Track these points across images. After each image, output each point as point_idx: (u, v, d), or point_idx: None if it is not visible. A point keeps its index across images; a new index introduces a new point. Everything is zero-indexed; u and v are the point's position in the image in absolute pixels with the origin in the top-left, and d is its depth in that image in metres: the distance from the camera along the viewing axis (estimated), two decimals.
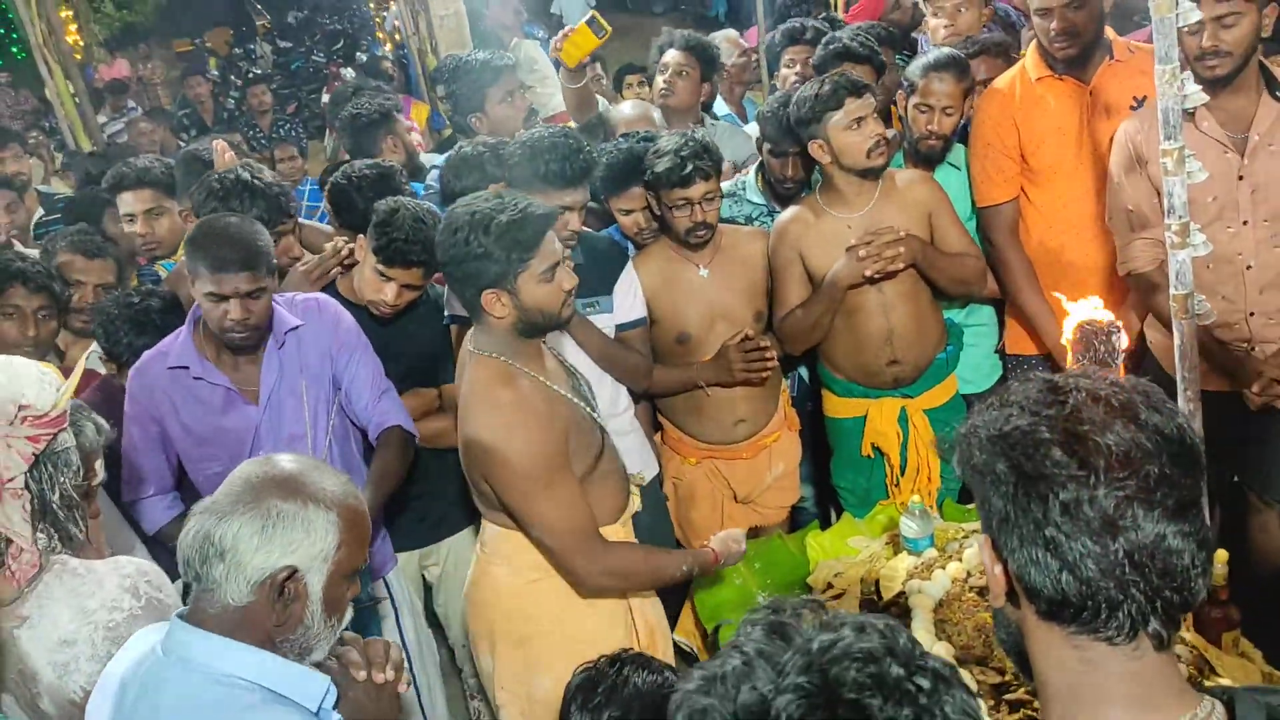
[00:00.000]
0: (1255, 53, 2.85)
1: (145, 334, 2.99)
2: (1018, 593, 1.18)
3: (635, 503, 2.72)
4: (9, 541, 1.82)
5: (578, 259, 3.00)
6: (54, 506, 1.83)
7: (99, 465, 1.99)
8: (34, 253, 3.68)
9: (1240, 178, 2.87)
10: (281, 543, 1.63)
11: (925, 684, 0.93)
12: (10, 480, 1.78)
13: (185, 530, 1.67)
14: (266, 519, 1.63)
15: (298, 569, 1.64)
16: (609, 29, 3.83)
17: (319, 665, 1.74)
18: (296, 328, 2.85)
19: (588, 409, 2.60)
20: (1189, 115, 2.77)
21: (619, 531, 2.64)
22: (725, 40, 5.14)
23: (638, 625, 2.69)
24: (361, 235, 3.11)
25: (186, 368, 2.78)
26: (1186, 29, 2.70)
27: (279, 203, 3.17)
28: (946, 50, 3.60)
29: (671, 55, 4.18)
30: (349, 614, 1.77)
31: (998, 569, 1.19)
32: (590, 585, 2.52)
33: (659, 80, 4.23)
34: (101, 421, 1.99)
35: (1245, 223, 2.89)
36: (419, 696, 3.21)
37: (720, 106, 4.86)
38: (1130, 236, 3.08)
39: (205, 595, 1.65)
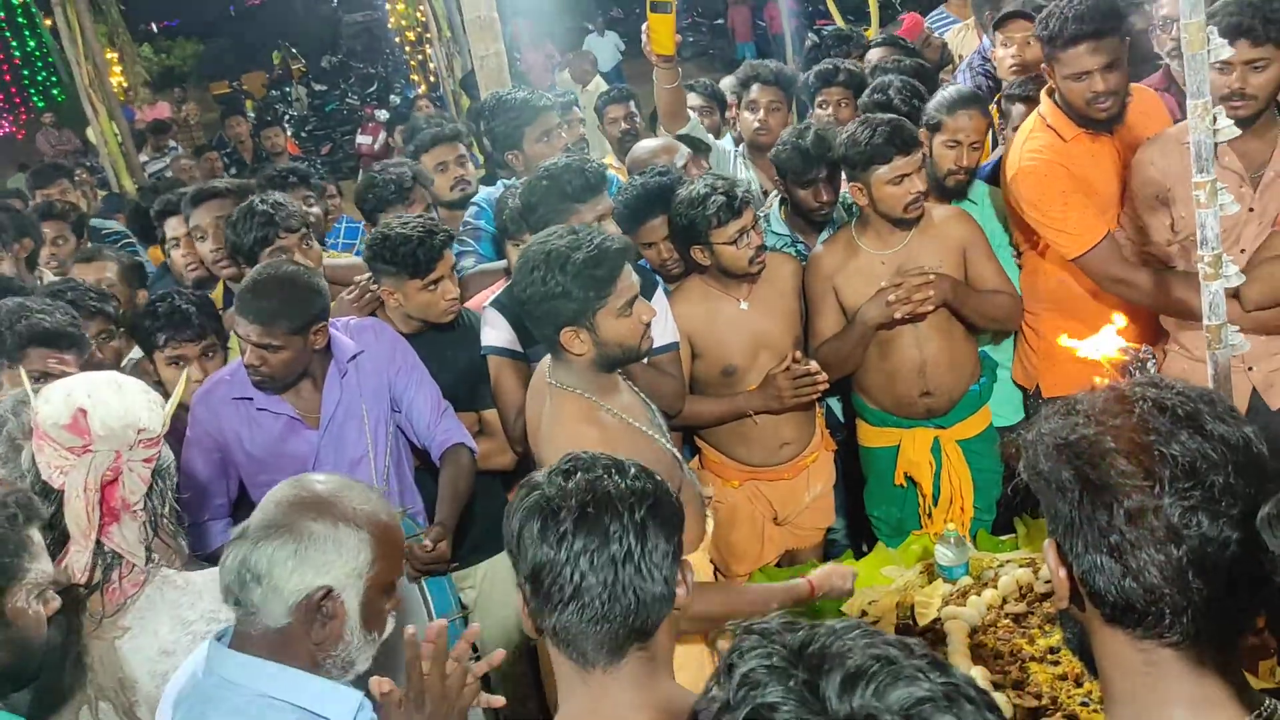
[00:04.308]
0: (1275, 98, 2.96)
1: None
2: (1082, 596, 1.20)
3: (710, 527, 2.72)
4: (120, 559, 1.88)
5: None
6: (164, 521, 1.90)
7: None
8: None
9: (1250, 210, 2.98)
10: (315, 564, 1.66)
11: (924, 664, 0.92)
12: (135, 504, 1.85)
13: (224, 558, 1.70)
14: (299, 542, 1.66)
15: (333, 588, 1.67)
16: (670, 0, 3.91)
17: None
18: (357, 354, 2.92)
19: (666, 443, 2.61)
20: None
21: (700, 558, 2.66)
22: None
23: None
24: (383, 281, 3.18)
25: (250, 399, 2.85)
26: (1216, 67, 2.78)
27: (273, 218, 3.30)
28: (966, 88, 3.67)
29: (760, 92, 4.22)
30: (390, 625, 1.79)
31: (1063, 573, 1.21)
32: None
33: (749, 117, 4.27)
34: None
35: (1243, 251, 3.01)
36: None
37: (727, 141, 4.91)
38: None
39: (248, 619, 1.69)
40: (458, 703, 1.84)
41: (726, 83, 4.86)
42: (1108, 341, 2.07)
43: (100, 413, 1.84)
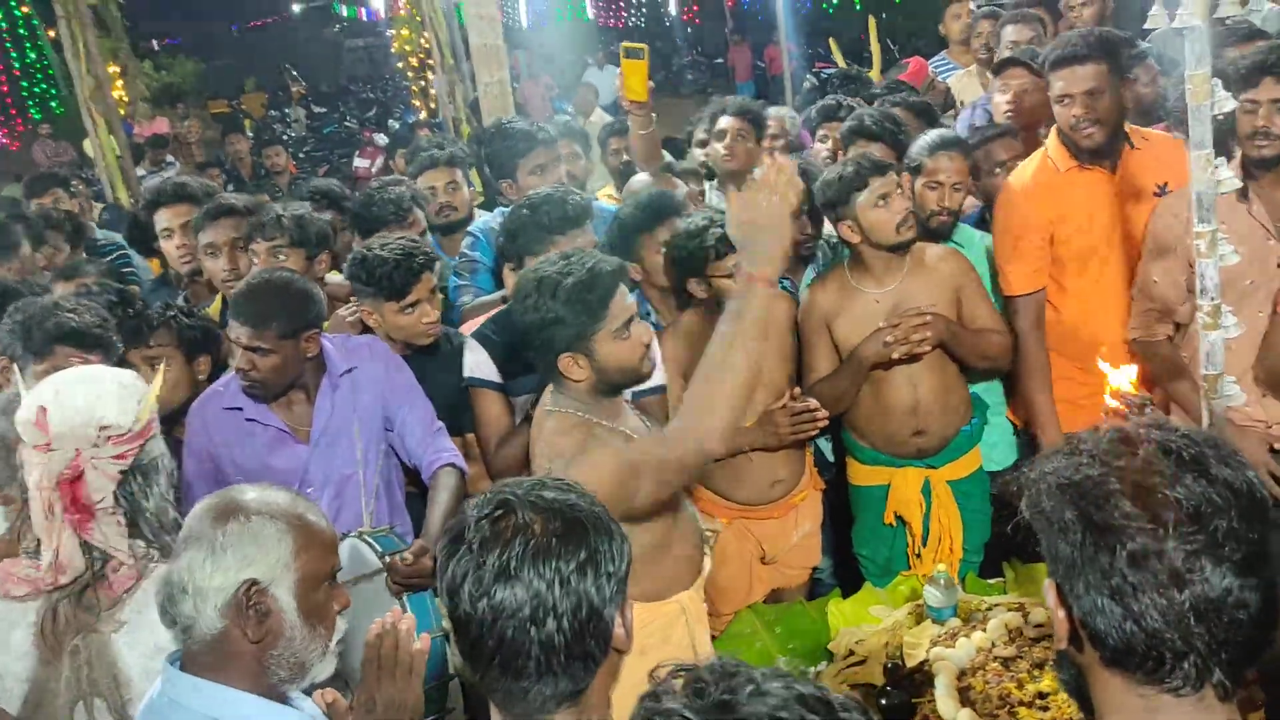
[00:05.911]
0: None
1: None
2: (1081, 638, 1.19)
3: (708, 564, 2.68)
4: (109, 556, 1.88)
5: None
6: (147, 517, 1.88)
7: None
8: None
9: (1279, 265, 2.94)
10: (235, 560, 1.64)
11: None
12: (100, 502, 1.83)
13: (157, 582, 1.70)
14: (214, 542, 1.65)
15: (258, 580, 1.65)
16: (643, 46, 3.93)
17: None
18: (350, 370, 2.92)
19: None
20: (1243, 196, 2.87)
21: (693, 597, 2.62)
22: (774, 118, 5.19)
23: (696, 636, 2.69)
24: (363, 302, 3.19)
25: (240, 409, 2.85)
26: (1244, 106, 2.80)
27: (259, 223, 3.41)
28: (949, 130, 3.71)
29: (728, 121, 4.28)
30: (342, 625, 1.77)
31: (1062, 613, 1.20)
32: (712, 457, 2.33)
33: (718, 146, 4.33)
34: None
35: (1276, 310, 2.96)
36: None
37: None
38: (1144, 306, 3.22)
39: (187, 635, 1.67)
40: (408, 704, 1.83)
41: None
42: (1120, 378, 2.08)
43: (58, 411, 1.83)
